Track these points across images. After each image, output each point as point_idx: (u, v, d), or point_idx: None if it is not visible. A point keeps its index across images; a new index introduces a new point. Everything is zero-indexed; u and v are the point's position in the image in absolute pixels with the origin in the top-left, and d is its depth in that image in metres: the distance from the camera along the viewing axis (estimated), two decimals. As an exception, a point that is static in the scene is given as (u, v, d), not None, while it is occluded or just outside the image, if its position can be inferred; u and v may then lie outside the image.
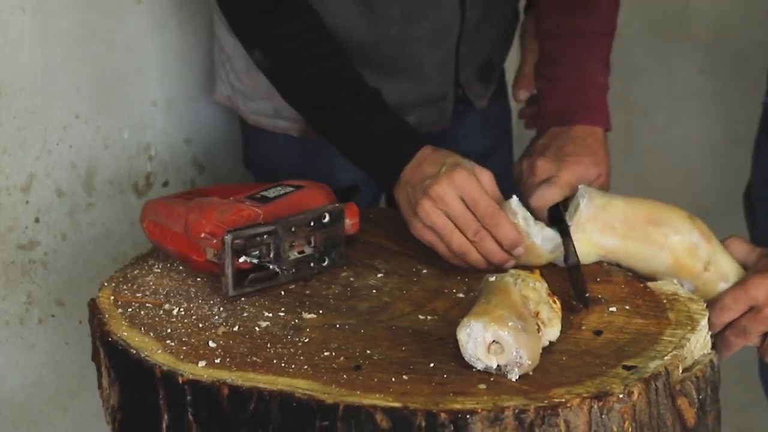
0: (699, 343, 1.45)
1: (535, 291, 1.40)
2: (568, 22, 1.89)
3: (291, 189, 1.74)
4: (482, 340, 1.33)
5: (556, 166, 1.78)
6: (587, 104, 1.86)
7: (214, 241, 1.61)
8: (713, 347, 1.55)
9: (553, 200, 1.73)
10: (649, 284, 1.61)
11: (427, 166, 1.68)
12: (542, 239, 1.64)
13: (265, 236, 1.60)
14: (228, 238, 1.56)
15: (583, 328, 1.47)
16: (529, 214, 1.65)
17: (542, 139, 1.85)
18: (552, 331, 1.40)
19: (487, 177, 1.65)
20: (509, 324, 1.32)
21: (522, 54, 2.10)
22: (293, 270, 1.65)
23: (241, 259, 1.59)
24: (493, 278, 1.42)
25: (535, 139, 1.87)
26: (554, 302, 1.42)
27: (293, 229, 1.63)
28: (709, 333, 1.51)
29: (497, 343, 1.32)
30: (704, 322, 1.48)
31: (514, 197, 1.63)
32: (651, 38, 1.95)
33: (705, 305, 1.53)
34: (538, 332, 1.37)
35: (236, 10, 1.80)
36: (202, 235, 1.64)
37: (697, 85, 2.15)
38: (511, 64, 2.61)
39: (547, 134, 1.86)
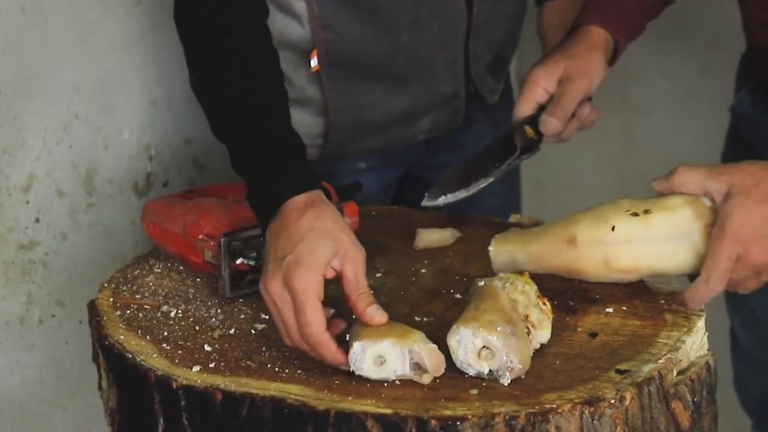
0: (695, 345, 1.44)
1: (523, 294, 1.40)
2: None
3: (291, 188, 1.74)
4: (472, 346, 1.33)
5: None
6: (586, 7, 1.86)
7: (212, 242, 1.61)
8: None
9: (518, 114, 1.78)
10: (648, 283, 1.60)
11: (293, 232, 1.47)
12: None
13: (262, 238, 1.60)
14: (224, 240, 1.56)
15: (579, 330, 1.47)
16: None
17: None
18: (542, 334, 1.40)
19: (352, 266, 1.46)
20: (498, 329, 1.32)
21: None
22: (291, 271, 1.64)
23: (238, 261, 1.59)
24: (481, 283, 1.42)
25: None
26: (544, 304, 1.42)
27: (291, 230, 1.63)
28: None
29: (487, 348, 1.32)
30: (701, 323, 1.48)
31: None
32: (650, 39, 1.94)
33: (702, 306, 1.52)
34: (528, 335, 1.37)
35: (182, 25, 1.69)
36: (200, 236, 1.64)
37: (697, 85, 2.15)
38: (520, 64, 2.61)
39: None
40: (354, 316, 1.42)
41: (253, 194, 1.57)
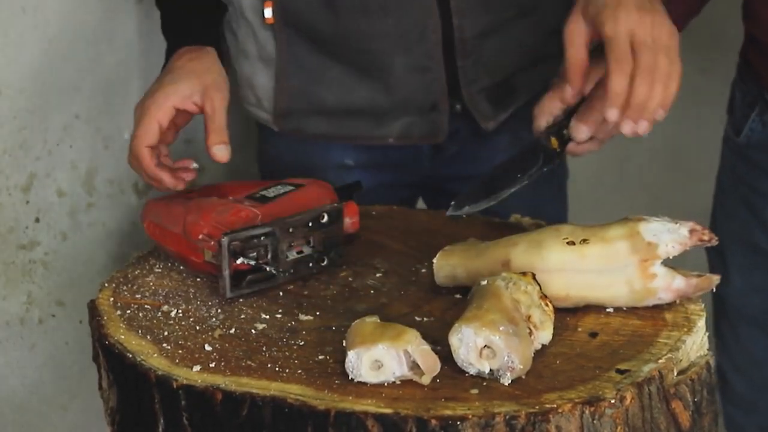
0: (695, 345, 1.44)
1: (526, 294, 1.40)
2: None
3: (291, 188, 1.74)
4: (474, 345, 1.32)
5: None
6: None
7: (212, 242, 1.61)
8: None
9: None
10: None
11: (168, 68, 1.80)
12: None
13: (262, 238, 1.60)
14: (224, 240, 1.56)
15: (579, 329, 1.47)
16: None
17: None
18: (544, 335, 1.40)
19: (210, 102, 1.74)
20: (500, 329, 1.32)
21: None
22: (291, 270, 1.65)
23: (239, 261, 1.59)
24: (484, 282, 1.42)
25: None
26: (546, 305, 1.42)
27: (291, 230, 1.63)
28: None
29: (489, 347, 1.32)
30: (701, 323, 1.48)
31: None
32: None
33: (703, 306, 1.52)
34: (530, 336, 1.37)
35: None
36: (200, 236, 1.64)
37: (697, 85, 2.15)
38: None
39: None
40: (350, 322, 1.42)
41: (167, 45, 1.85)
